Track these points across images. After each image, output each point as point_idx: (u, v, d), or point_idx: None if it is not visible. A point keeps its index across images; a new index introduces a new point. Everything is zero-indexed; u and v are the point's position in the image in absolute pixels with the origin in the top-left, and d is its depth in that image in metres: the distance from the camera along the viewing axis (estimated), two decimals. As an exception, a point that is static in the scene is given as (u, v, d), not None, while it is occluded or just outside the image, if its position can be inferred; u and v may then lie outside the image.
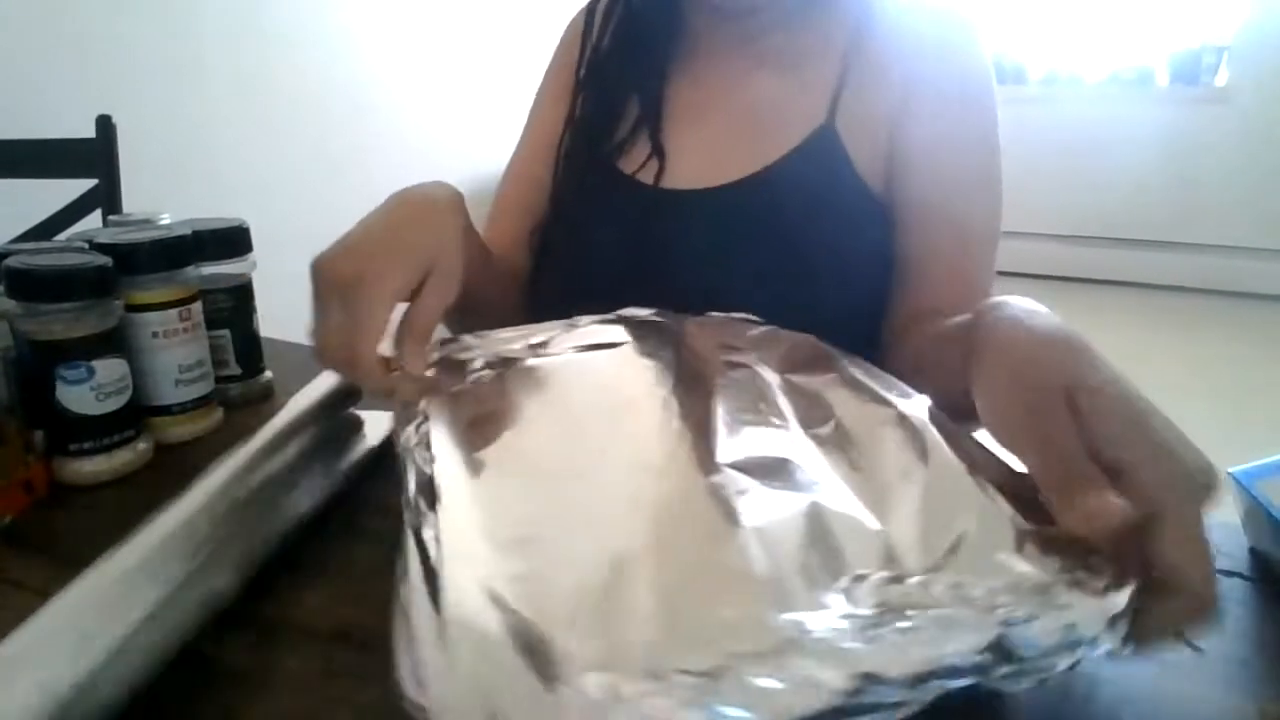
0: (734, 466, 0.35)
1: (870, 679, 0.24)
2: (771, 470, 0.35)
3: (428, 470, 0.35)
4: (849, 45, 0.64)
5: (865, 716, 0.24)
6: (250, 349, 0.62)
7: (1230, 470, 0.40)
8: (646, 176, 0.68)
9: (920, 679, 0.25)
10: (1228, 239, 3.38)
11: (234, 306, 0.61)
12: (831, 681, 0.24)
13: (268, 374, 0.64)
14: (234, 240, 0.61)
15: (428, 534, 0.31)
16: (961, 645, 0.25)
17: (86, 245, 0.52)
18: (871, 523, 0.32)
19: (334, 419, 0.52)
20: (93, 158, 1.14)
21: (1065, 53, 3.65)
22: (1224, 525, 0.43)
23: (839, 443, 0.38)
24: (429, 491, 0.34)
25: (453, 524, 0.32)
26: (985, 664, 0.25)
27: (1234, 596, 0.38)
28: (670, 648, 0.26)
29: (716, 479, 0.35)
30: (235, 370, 0.61)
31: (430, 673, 0.25)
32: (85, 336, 0.48)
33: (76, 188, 1.15)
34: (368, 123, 2.23)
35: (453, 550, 0.30)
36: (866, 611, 0.27)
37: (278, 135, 2.07)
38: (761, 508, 0.33)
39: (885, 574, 0.29)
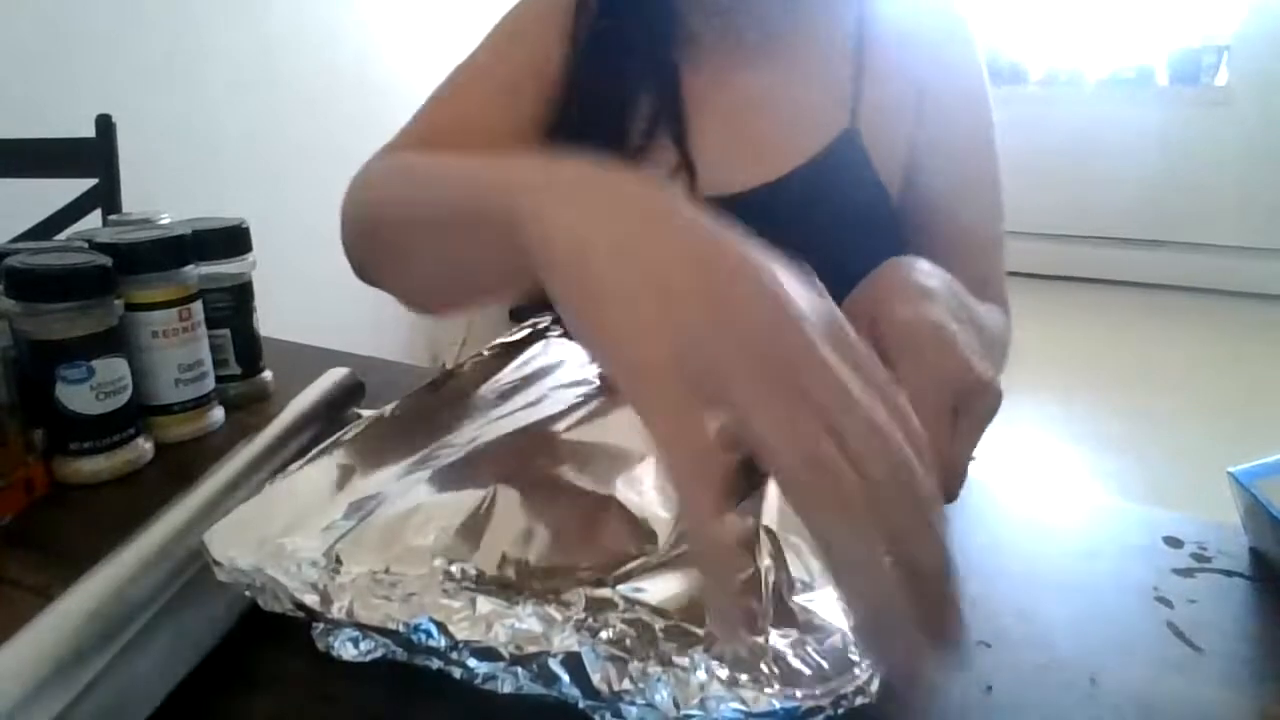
0: (572, 443, 0.39)
1: (440, 626, 0.27)
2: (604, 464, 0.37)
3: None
4: (855, 41, 0.63)
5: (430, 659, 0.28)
6: (250, 348, 0.62)
7: (1230, 470, 0.40)
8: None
9: (481, 651, 0.27)
10: (1228, 238, 3.38)
11: (234, 306, 0.61)
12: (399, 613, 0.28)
13: (267, 374, 0.64)
14: (234, 239, 0.61)
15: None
16: (538, 643, 0.26)
17: (86, 245, 0.52)
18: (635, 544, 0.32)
19: (336, 418, 0.52)
20: (93, 157, 1.14)
21: (1065, 53, 3.65)
22: (1224, 525, 0.43)
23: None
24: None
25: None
26: (544, 667, 0.26)
27: (1234, 596, 0.38)
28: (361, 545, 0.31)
29: (542, 445, 0.38)
30: (235, 370, 0.61)
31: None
32: (85, 336, 0.48)
33: (76, 187, 1.15)
34: (368, 122, 2.23)
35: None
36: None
37: (278, 134, 2.07)
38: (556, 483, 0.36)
39: (583, 575, 0.30)
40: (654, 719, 0.25)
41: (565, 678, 0.26)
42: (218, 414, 0.58)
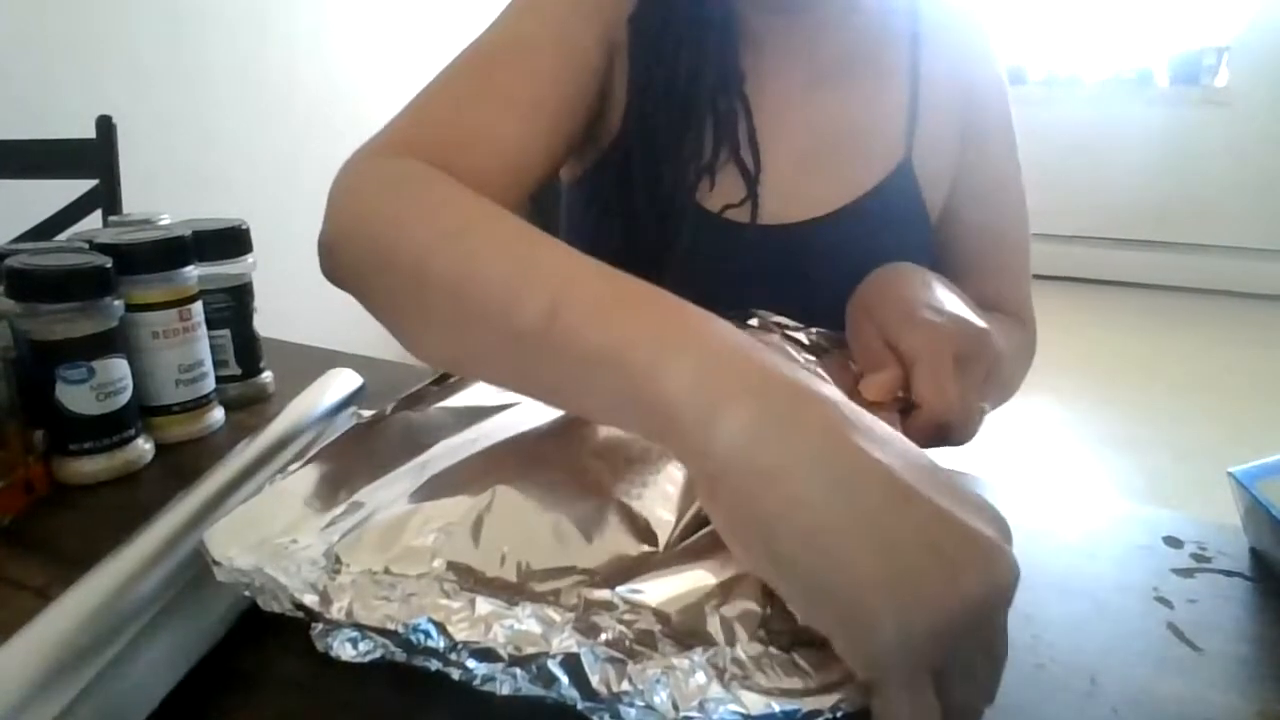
0: (573, 444, 0.38)
1: (438, 627, 0.27)
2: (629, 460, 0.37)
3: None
4: (911, 58, 0.62)
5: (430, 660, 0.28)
6: (250, 349, 0.62)
7: (1230, 470, 0.40)
8: (738, 214, 0.59)
9: (481, 652, 0.27)
10: (1227, 239, 3.39)
11: (233, 306, 0.61)
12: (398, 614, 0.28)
13: (267, 374, 0.64)
14: (233, 240, 0.61)
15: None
16: (539, 645, 0.26)
17: (86, 245, 0.52)
18: (634, 545, 0.32)
19: (336, 419, 0.52)
20: (93, 158, 1.14)
21: (1065, 53, 3.66)
22: (1224, 525, 0.43)
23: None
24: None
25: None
26: (544, 669, 0.26)
27: (1234, 596, 0.38)
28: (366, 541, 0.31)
29: (543, 446, 0.38)
30: (234, 370, 0.61)
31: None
32: (85, 336, 0.48)
33: (76, 188, 1.15)
34: (368, 123, 2.23)
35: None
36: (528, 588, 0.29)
37: (278, 135, 2.08)
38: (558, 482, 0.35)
39: (582, 576, 0.29)
40: None
41: (564, 679, 0.26)
42: (217, 414, 0.58)
